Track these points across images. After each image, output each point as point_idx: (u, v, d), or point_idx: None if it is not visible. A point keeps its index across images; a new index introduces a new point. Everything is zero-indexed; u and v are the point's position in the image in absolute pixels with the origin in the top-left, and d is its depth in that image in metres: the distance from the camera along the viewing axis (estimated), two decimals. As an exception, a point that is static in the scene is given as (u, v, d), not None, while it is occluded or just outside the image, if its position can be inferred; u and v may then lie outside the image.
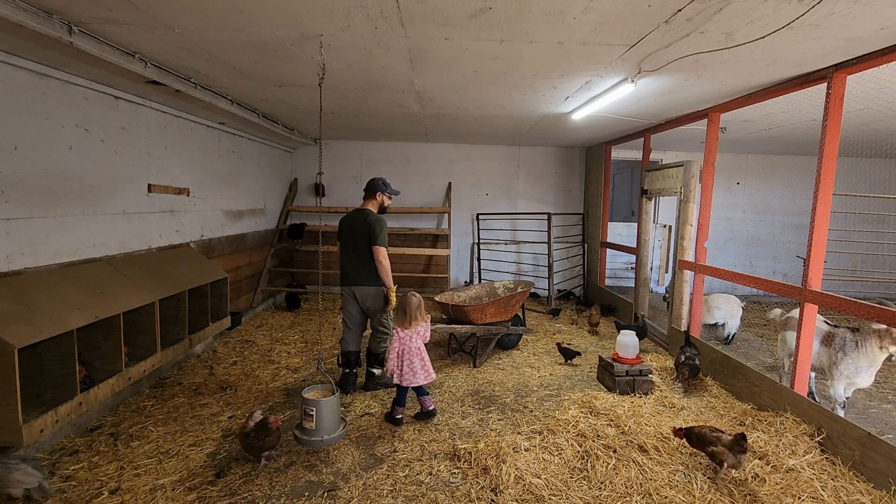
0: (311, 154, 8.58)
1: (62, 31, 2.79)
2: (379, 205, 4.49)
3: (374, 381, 4.43)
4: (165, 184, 4.86)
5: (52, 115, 3.50)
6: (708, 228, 5.15)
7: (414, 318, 3.75)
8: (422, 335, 3.79)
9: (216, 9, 2.68)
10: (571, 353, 5.17)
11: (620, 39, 3.05)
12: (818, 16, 2.60)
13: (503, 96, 4.68)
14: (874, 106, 4.53)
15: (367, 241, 4.23)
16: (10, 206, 3.18)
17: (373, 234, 4.20)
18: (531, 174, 8.84)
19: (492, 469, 3.08)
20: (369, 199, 4.47)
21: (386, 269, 4.22)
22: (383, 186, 4.46)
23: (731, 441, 2.99)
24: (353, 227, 4.33)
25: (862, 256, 8.16)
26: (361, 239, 4.25)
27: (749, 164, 8.91)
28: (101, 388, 3.39)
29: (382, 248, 4.22)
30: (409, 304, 3.77)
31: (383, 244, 4.23)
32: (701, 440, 3.12)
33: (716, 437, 3.04)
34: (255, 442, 3.10)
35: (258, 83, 4.31)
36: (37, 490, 2.72)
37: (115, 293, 3.65)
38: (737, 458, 2.95)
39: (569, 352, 5.18)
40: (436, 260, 8.61)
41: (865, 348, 3.70)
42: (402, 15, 2.72)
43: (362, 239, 4.25)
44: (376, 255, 4.21)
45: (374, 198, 4.46)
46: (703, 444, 3.11)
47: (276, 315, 7.04)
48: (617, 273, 8.90)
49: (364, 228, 4.24)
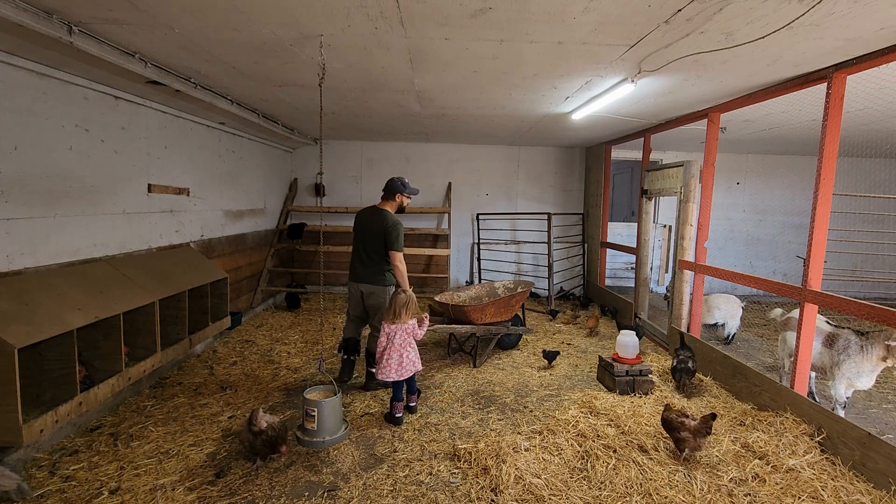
0: (311, 154, 8.58)
1: (62, 31, 2.79)
2: (398, 205, 4.46)
3: (373, 381, 4.43)
4: (165, 184, 4.86)
5: (52, 115, 3.50)
6: (708, 228, 5.15)
7: (398, 315, 3.75)
8: (409, 332, 3.80)
9: (216, 9, 2.68)
10: (552, 355, 5.08)
11: (620, 39, 3.05)
12: (818, 16, 2.60)
13: (503, 96, 4.68)
14: (874, 106, 4.53)
15: (381, 242, 4.23)
16: (10, 206, 3.18)
17: (389, 240, 4.21)
18: (531, 174, 8.84)
19: (492, 469, 3.08)
20: (388, 200, 4.43)
21: (402, 273, 4.22)
22: (402, 187, 4.39)
23: (696, 426, 3.11)
24: (369, 226, 4.32)
25: (862, 256, 8.15)
26: (375, 239, 4.26)
27: (749, 164, 8.91)
28: (101, 388, 3.40)
29: (399, 252, 4.23)
30: (395, 301, 3.79)
31: (399, 249, 4.23)
32: (668, 426, 3.21)
33: (681, 423, 3.13)
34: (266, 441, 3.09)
35: (258, 83, 4.31)
36: (15, 492, 2.70)
37: (115, 293, 3.65)
38: (697, 441, 3.07)
39: (550, 354, 5.08)
40: (436, 260, 8.61)
41: (870, 355, 3.69)
42: (402, 15, 2.72)
43: (376, 239, 4.25)
44: (392, 260, 4.22)
45: (394, 199, 4.42)
46: (670, 429, 3.21)
47: (276, 315, 7.04)
48: (617, 273, 8.90)
49: (380, 230, 4.24)
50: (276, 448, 3.13)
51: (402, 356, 3.74)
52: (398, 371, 3.73)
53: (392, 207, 4.42)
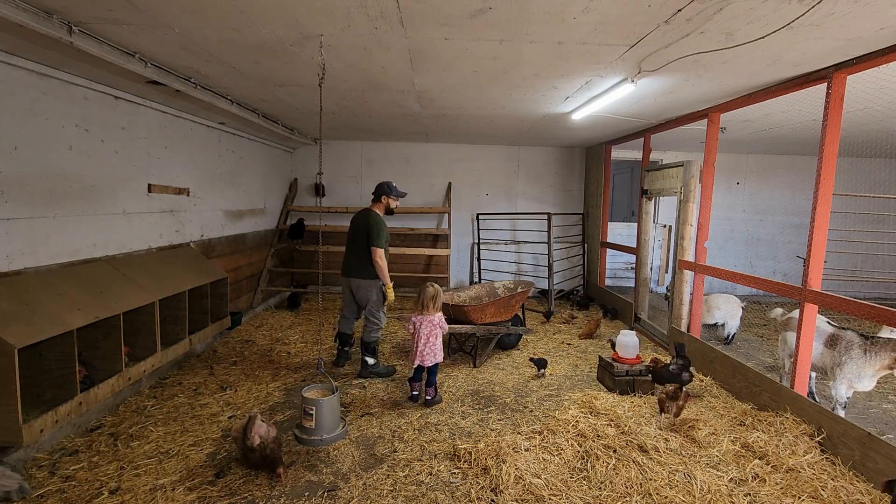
0: (311, 154, 8.58)
1: (62, 31, 2.79)
2: (385, 207, 4.81)
3: (367, 369, 4.69)
4: (165, 184, 4.86)
5: (52, 115, 3.50)
6: (708, 228, 5.15)
7: (425, 307, 4.06)
8: (435, 324, 4.06)
9: (216, 9, 2.68)
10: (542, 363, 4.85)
11: (620, 39, 3.05)
12: (818, 16, 2.60)
13: (503, 96, 4.68)
14: (874, 106, 4.53)
15: (366, 239, 4.59)
16: (10, 206, 3.18)
17: (370, 235, 4.56)
18: (531, 174, 8.84)
19: (492, 469, 3.08)
20: (376, 202, 4.81)
21: (381, 268, 4.57)
22: (388, 190, 4.76)
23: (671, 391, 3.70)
24: (357, 225, 4.73)
25: (862, 256, 8.16)
26: (361, 236, 4.64)
27: (749, 164, 8.91)
28: (101, 388, 3.40)
29: (379, 248, 4.57)
30: (423, 293, 4.09)
31: (379, 245, 4.57)
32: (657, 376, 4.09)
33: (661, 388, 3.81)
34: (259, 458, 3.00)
35: (258, 83, 4.31)
36: (16, 492, 2.71)
37: (115, 293, 3.65)
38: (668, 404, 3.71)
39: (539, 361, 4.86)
40: (436, 260, 8.61)
41: (874, 361, 3.68)
42: (402, 15, 2.72)
43: (361, 236, 4.63)
44: (373, 256, 4.56)
45: (380, 201, 4.79)
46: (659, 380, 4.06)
47: (276, 315, 7.04)
48: (617, 273, 8.91)
49: (364, 228, 4.62)
50: (273, 468, 3.00)
51: (424, 345, 4.01)
52: (420, 357, 4.01)
53: (380, 209, 4.78)
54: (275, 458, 3.01)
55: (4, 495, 2.67)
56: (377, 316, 4.72)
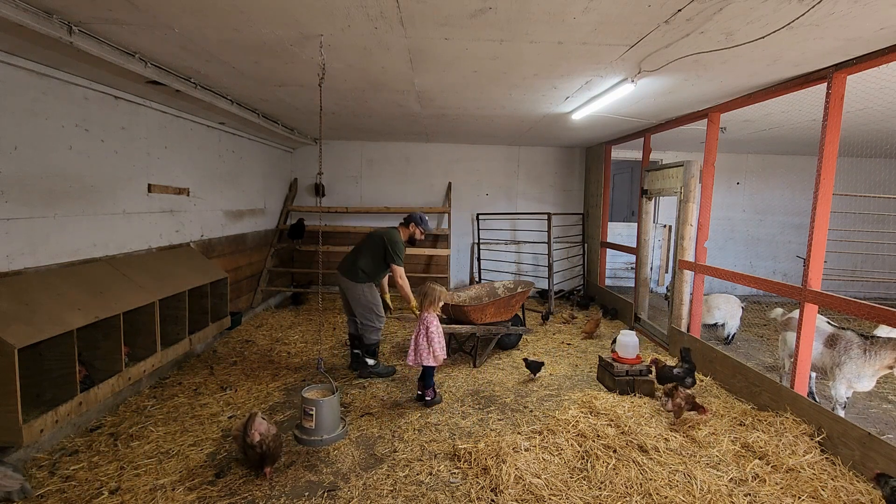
0: (311, 154, 8.58)
1: (62, 31, 2.79)
2: (410, 234, 4.88)
3: (366, 369, 4.73)
4: (165, 184, 4.86)
5: (52, 115, 3.50)
6: (708, 228, 5.15)
7: (423, 304, 4.11)
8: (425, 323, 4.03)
9: (216, 9, 2.68)
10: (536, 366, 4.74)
11: (620, 39, 3.05)
12: (818, 16, 2.60)
13: (503, 96, 4.68)
14: (874, 106, 4.53)
15: (376, 248, 4.64)
16: (10, 206, 3.18)
17: (390, 253, 4.60)
18: (531, 174, 8.84)
19: (492, 469, 3.08)
20: (403, 227, 4.89)
21: (402, 287, 4.58)
22: (419, 220, 4.86)
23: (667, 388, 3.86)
24: (374, 235, 4.76)
25: (862, 256, 8.16)
26: (371, 244, 4.68)
27: (749, 164, 8.91)
28: (101, 388, 3.40)
29: (399, 268, 4.60)
30: (427, 291, 4.12)
31: (400, 265, 4.61)
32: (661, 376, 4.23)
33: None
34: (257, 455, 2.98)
35: (258, 83, 4.31)
36: (18, 492, 2.71)
37: (115, 293, 3.65)
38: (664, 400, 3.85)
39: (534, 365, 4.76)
40: (436, 260, 8.61)
41: (875, 361, 3.68)
42: (402, 15, 2.72)
43: (372, 245, 4.68)
44: (394, 275, 4.62)
45: (408, 227, 4.87)
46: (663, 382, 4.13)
47: (276, 315, 7.04)
48: (617, 273, 8.91)
49: (381, 241, 4.65)
50: (271, 465, 3.02)
51: (417, 343, 4.01)
52: (413, 358, 4.02)
53: (405, 234, 4.86)
54: (274, 456, 3.02)
55: (6, 496, 2.67)
56: (370, 319, 4.69)
